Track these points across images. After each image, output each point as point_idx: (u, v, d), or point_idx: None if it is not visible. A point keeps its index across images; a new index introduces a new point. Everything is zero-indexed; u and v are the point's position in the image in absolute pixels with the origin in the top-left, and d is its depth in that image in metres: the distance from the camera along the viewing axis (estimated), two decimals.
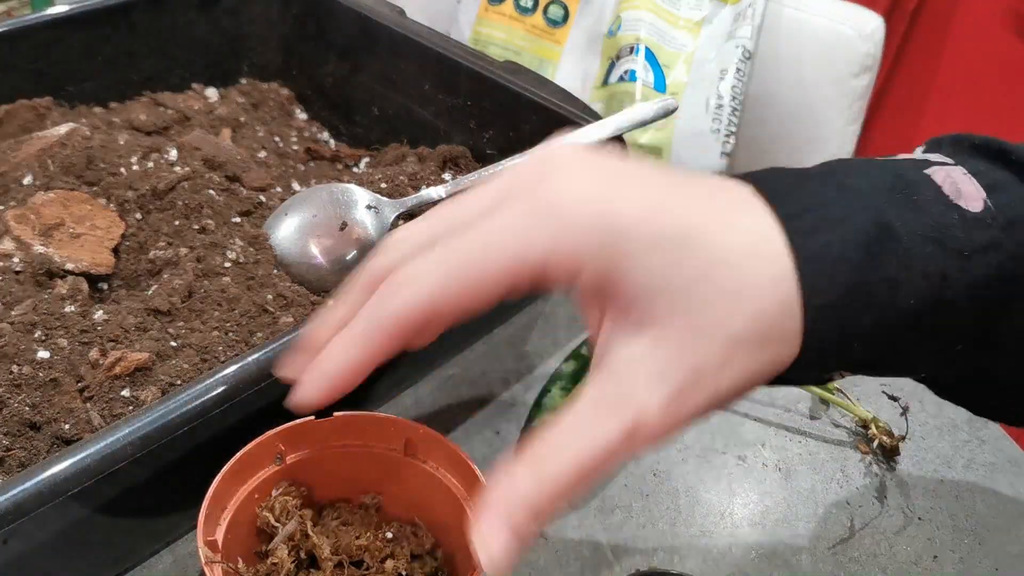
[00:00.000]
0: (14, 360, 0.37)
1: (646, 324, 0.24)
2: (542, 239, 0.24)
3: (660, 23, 0.98)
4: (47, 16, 0.56)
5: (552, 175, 0.25)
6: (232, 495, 0.33)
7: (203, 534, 0.30)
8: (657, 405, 0.23)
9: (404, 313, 0.25)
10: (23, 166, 0.47)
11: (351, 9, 0.59)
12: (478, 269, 0.24)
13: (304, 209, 0.47)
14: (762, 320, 0.24)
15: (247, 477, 0.33)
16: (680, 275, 0.23)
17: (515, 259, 0.24)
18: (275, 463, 0.34)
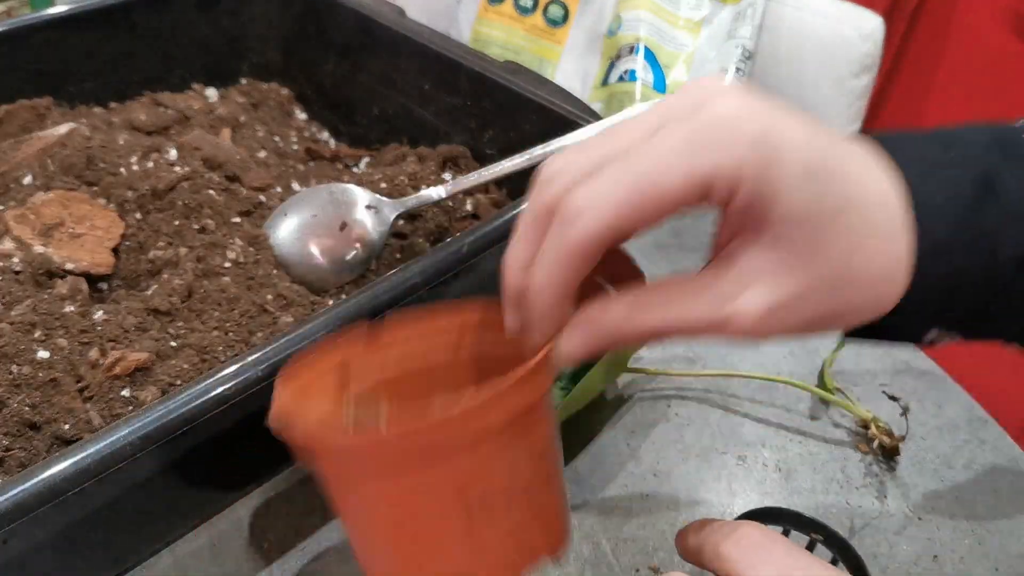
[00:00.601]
0: (14, 360, 0.37)
1: (777, 244, 0.26)
2: (712, 157, 0.25)
3: (660, 23, 0.98)
4: (47, 16, 0.55)
5: (713, 100, 0.26)
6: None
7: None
8: (756, 310, 0.26)
9: (589, 239, 0.26)
10: (23, 166, 0.47)
11: (351, 9, 0.59)
12: (655, 189, 0.25)
13: (304, 209, 0.47)
14: (879, 261, 0.26)
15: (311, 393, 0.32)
16: (822, 207, 0.25)
17: (688, 177, 0.25)
18: (339, 378, 0.34)
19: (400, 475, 0.28)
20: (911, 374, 0.54)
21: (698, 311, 0.26)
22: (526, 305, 0.28)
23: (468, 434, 0.27)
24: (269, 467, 0.44)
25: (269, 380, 0.33)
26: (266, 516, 0.43)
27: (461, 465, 0.28)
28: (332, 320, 0.35)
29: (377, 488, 0.28)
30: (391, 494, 0.28)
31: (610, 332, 0.27)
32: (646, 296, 0.27)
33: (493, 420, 0.28)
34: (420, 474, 0.27)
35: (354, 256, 0.46)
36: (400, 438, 0.27)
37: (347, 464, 0.28)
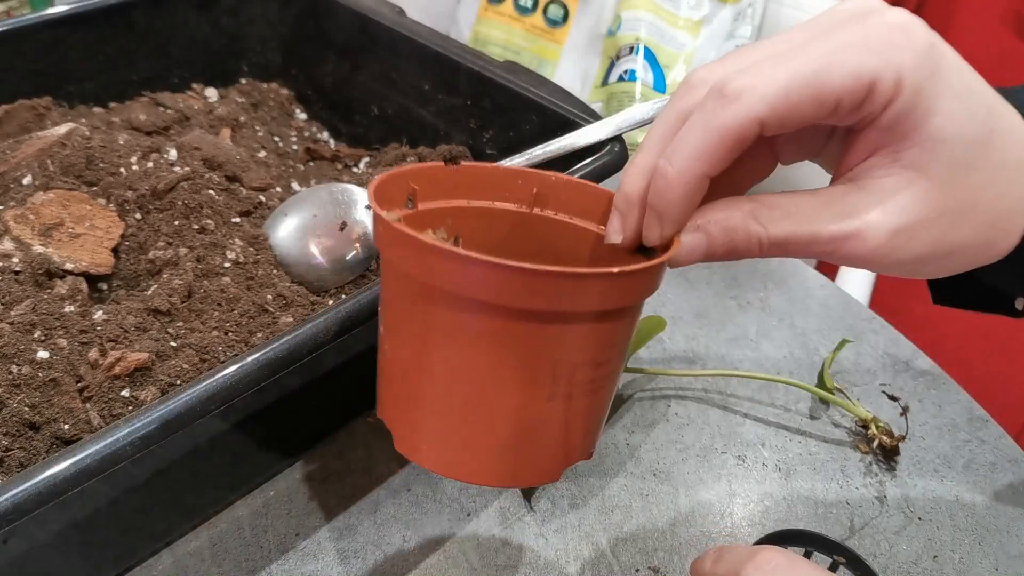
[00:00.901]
0: (14, 360, 0.37)
1: (919, 163, 0.25)
2: (884, 56, 0.24)
3: (660, 23, 0.98)
4: (47, 16, 0.55)
5: (880, 10, 0.25)
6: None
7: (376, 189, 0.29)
8: (886, 229, 0.25)
9: (747, 119, 0.24)
10: (23, 166, 0.47)
11: (351, 9, 0.59)
12: (821, 81, 0.24)
13: (304, 209, 0.47)
14: (1008, 202, 0.26)
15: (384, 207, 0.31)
16: (975, 130, 0.25)
17: (856, 74, 0.24)
18: (407, 206, 0.32)
19: (511, 318, 0.25)
20: (911, 374, 0.54)
21: (822, 225, 0.25)
22: (654, 199, 0.26)
23: (598, 301, 0.25)
24: (269, 467, 0.44)
25: (269, 380, 0.34)
26: (266, 516, 0.43)
27: (576, 331, 0.26)
28: (332, 320, 0.35)
29: (474, 324, 0.26)
30: (487, 335, 0.26)
31: (731, 238, 0.26)
32: (768, 205, 0.26)
33: (623, 297, 0.26)
34: (531, 325, 0.26)
35: (354, 256, 0.46)
36: (544, 276, 0.24)
37: (450, 284, 0.26)
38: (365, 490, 0.44)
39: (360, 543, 0.42)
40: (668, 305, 0.58)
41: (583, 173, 0.44)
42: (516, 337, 0.26)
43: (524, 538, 0.42)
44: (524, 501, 0.44)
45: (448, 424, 0.28)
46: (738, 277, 0.61)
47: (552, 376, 0.27)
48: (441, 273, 0.25)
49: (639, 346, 0.50)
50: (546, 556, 0.42)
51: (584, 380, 0.28)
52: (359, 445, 0.46)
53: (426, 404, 0.29)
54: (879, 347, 0.55)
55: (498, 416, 0.28)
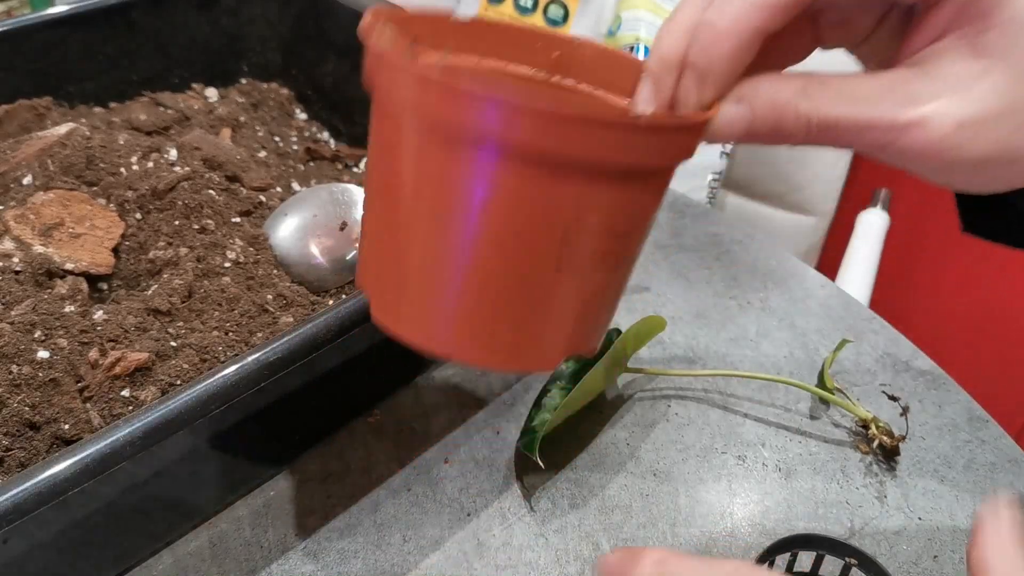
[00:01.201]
0: (14, 360, 0.37)
1: (992, 50, 0.23)
2: None
3: (660, 23, 0.98)
4: (47, 16, 0.55)
5: None
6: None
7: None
8: (953, 119, 0.23)
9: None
10: (23, 166, 0.47)
11: (351, 9, 0.59)
12: None
13: (304, 209, 0.47)
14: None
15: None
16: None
17: None
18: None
19: (519, 162, 0.22)
20: (911, 374, 0.54)
21: (878, 110, 0.23)
22: (696, 56, 0.23)
23: (623, 152, 0.22)
24: (269, 467, 0.44)
25: (269, 380, 0.34)
26: (266, 516, 0.43)
27: (596, 190, 0.22)
28: (332, 320, 0.35)
29: (473, 167, 0.22)
30: (489, 182, 0.22)
31: (779, 115, 0.24)
32: (822, 83, 0.24)
33: (652, 154, 0.22)
34: (543, 172, 0.22)
35: (354, 256, 0.46)
36: (563, 114, 0.20)
37: (448, 114, 0.22)
38: (365, 490, 0.44)
39: (360, 543, 0.42)
40: (668, 305, 0.58)
41: None
42: (525, 187, 0.22)
43: (524, 538, 0.42)
44: (524, 501, 0.44)
45: (437, 287, 0.25)
46: (738, 277, 0.61)
47: (562, 240, 0.23)
48: (438, 102, 0.22)
49: (639, 346, 0.50)
50: (546, 556, 0.42)
51: (598, 252, 0.24)
52: (359, 445, 0.46)
53: (413, 264, 0.25)
54: (879, 347, 0.55)
55: (495, 281, 0.24)
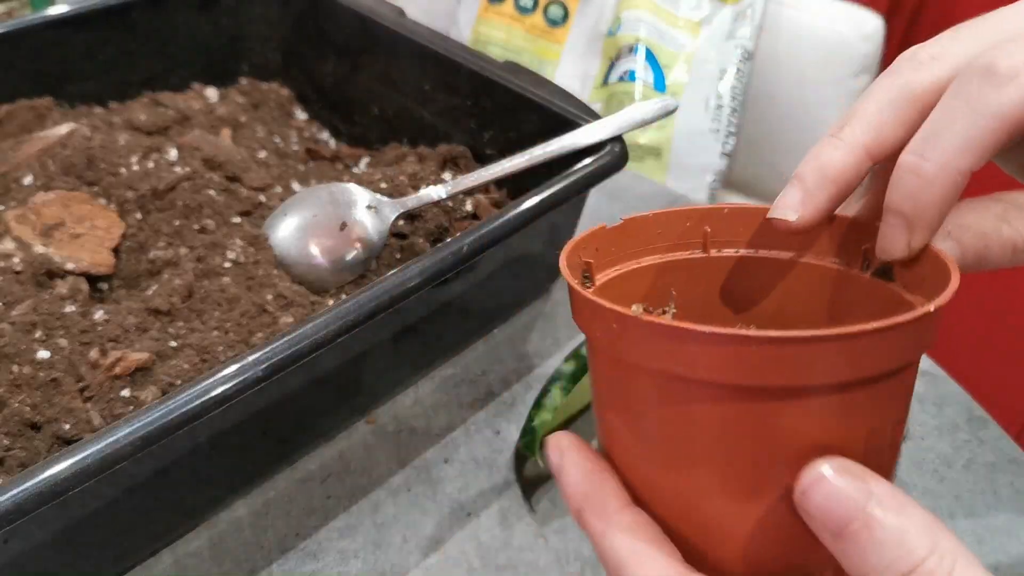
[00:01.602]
0: (14, 360, 0.37)
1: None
2: None
3: (660, 23, 0.98)
4: (47, 16, 0.56)
5: None
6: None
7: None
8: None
9: (1021, 107, 0.21)
10: (23, 166, 0.47)
11: (351, 9, 0.59)
12: None
13: (304, 209, 0.47)
14: None
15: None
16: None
17: None
18: (584, 283, 0.28)
19: (738, 399, 0.21)
20: None
21: None
22: (902, 202, 0.22)
23: (849, 368, 0.20)
24: (269, 467, 0.44)
25: (269, 380, 0.34)
26: (266, 516, 0.43)
27: (814, 408, 0.21)
28: (332, 320, 0.35)
29: (690, 408, 0.21)
30: (710, 421, 0.21)
31: (985, 244, 0.23)
32: (1017, 208, 0.23)
33: (887, 357, 0.20)
34: (764, 404, 0.20)
35: (354, 256, 0.46)
36: (790, 344, 0.19)
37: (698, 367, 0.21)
38: (365, 490, 0.44)
39: (360, 543, 0.42)
40: None
41: (583, 173, 0.44)
42: (749, 421, 0.21)
43: (524, 538, 0.42)
44: (524, 501, 0.44)
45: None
46: None
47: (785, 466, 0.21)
48: (688, 356, 0.21)
49: None
50: (546, 557, 0.42)
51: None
52: (359, 445, 0.46)
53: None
54: None
55: (719, 525, 0.22)
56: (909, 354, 0.21)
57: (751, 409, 0.21)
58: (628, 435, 0.24)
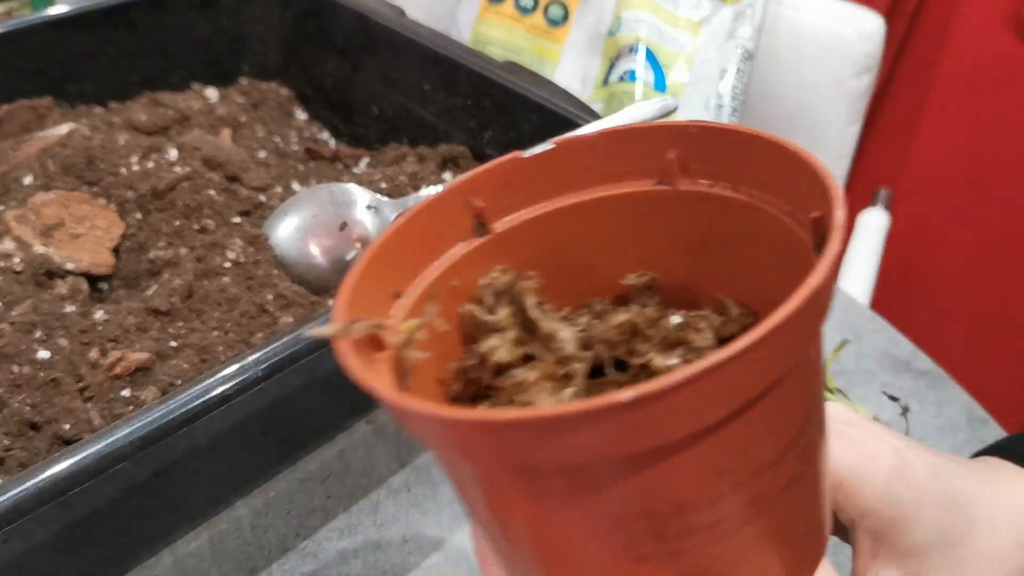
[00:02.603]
0: (14, 360, 0.37)
1: (909, 568, 0.26)
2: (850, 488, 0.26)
3: (660, 23, 0.98)
4: (47, 16, 0.56)
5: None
6: (408, 276, 0.21)
7: (342, 311, 0.18)
8: None
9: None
10: (23, 166, 0.47)
11: (351, 9, 0.59)
12: None
13: (304, 209, 0.47)
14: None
15: (432, 251, 0.22)
16: (948, 537, 0.26)
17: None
18: (475, 234, 0.22)
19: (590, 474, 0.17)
20: (911, 374, 0.54)
21: None
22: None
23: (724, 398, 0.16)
24: (269, 467, 0.44)
25: (269, 380, 0.34)
26: (266, 516, 0.43)
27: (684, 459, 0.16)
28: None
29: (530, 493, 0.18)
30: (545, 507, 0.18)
31: None
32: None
33: (754, 381, 0.16)
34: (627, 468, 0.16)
35: (354, 256, 0.46)
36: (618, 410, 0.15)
37: (482, 451, 0.17)
38: (365, 490, 0.44)
39: (360, 543, 0.42)
40: None
41: None
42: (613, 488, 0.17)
43: None
44: None
45: None
46: None
47: (677, 521, 0.18)
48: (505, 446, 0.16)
49: None
50: None
51: (738, 505, 0.18)
52: (359, 445, 0.46)
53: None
54: (879, 347, 0.55)
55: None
56: (781, 364, 0.17)
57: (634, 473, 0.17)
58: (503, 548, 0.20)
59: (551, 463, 0.16)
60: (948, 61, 1.06)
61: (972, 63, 1.04)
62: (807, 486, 0.20)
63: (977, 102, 1.04)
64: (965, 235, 1.05)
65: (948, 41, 1.06)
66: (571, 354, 0.20)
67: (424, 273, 0.22)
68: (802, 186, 0.19)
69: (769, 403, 0.17)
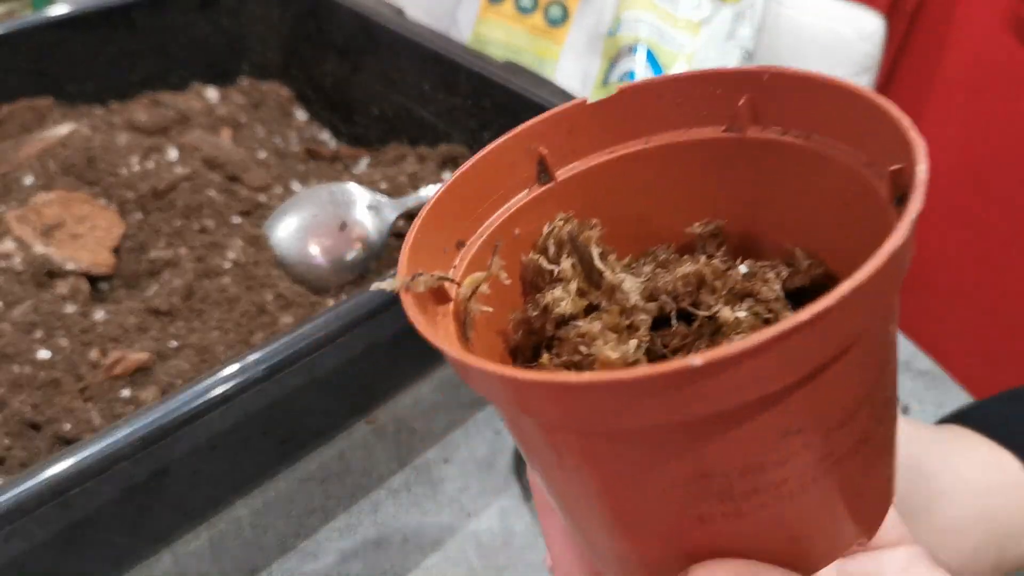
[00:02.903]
0: (15, 360, 0.37)
1: (879, 543, 0.25)
2: None
3: (660, 23, 0.98)
4: (48, 16, 0.56)
5: None
6: (472, 225, 0.21)
7: (405, 264, 0.19)
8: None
9: None
10: (24, 166, 0.47)
11: (351, 9, 0.59)
12: None
13: (304, 209, 0.47)
14: (962, 554, 0.27)
15: (496, 199, 0.21)
16: (908, 507, 0.26)
17: None
18: (538, 181, 0.22)
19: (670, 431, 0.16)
20: (911, 374, 0.54)
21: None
22: None
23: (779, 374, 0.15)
24: (269, 467, 0.44)
25: (269, 380, 0.34)
26: (266, 516, 0.43)
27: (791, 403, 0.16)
28: (332, 320, 0.35)
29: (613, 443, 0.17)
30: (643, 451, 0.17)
31: None
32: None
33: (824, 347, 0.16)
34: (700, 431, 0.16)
35: (354, 256, 0.46)
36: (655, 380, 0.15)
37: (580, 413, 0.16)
38: (365, 490, 0.44)
39: (360, 543, 0.42)
40: None
41: None
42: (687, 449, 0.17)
43: (524, 539, 0.42)
44: (524, 501, 0.44)
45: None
46: None
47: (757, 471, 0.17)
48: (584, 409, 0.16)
49: None
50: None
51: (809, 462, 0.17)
52: (359, 445, 0.46)
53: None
54: None
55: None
56: (858, 327, 0.16)
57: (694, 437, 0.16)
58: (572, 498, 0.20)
59: (618, 426, 0.16)
60: (948, 61, 1.06)
61: (972, 63, 1.03)
62: (875, 446, 0.19)
63: (977, 102, 1.04)
64: (965, 235, 1.05)
65: (948, 41, 1.06)
66: (635, 304, 0.20)
67: (487, 221, 0.21)
68: (881, 137, 0.18)
69: (842, 367, 0.16)
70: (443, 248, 0.20)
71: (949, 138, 1.06)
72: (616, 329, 0.20)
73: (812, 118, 0.20)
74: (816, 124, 0.20)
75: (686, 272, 0.20)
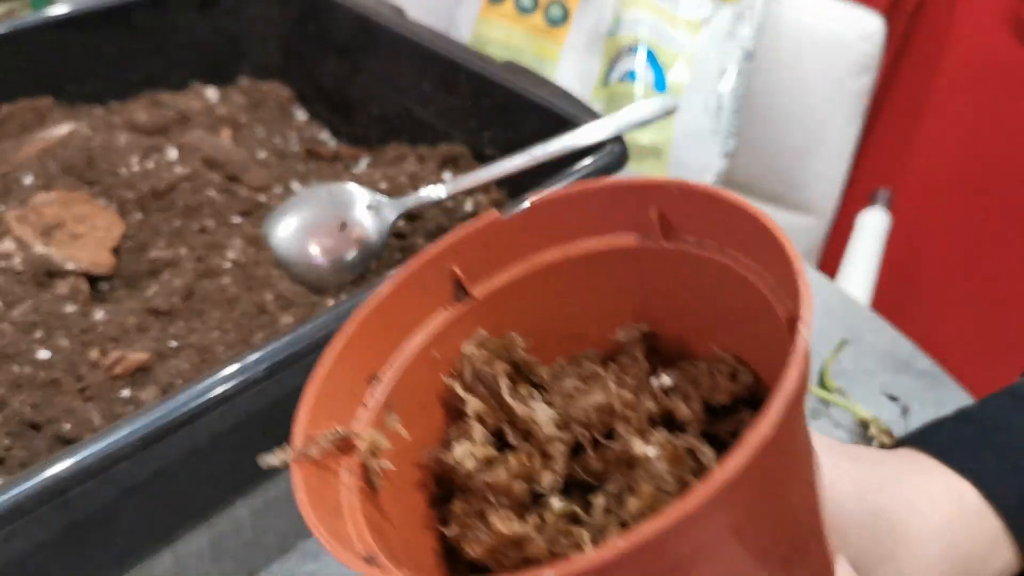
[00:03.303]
0: (14, 360, 0.37)
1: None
2: None
3: (660, 23, 0.98)
4: (48, 16, 0.56)
5: None
6: (385, 355, 0.21)
7: (305, 419, 0.19)
8: None
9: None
10: (24, 166, 0.47)
11: (351, 9, 0.59)
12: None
13: (304, 209, 0.47)
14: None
15: (410, 324, 0.21)
16: (873, 553, 0.26)
17: None
18: (456, 299, 0.22)
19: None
20: (911, 374, 0.54)
21: None
22: None
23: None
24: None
25: (269, 380, 0.34)
26: (266, 516, 0.43)
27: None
28: (332, 320, 0.35)
29: None
30: None
31: None
32: None
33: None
34: None
35: (354, 256, 0.46)
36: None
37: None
38: None
39: None
40: None
41: (583, 173, 0.44)
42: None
43: None
44: None
45: None
46: None
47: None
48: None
49: None
50: None
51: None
52: None
53: None
54: (879, 347, 0.55)
55: None
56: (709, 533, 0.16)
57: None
58: None
59: None
60: (948, 61, 1.06)
61: (972, 63, 1.03)
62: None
63: (977, 102, 1.04)
64: (965, 235, 1.05)
65: (948, 41, 1.06)
66: (550, 436, 0.20)
67: (401, 345, 0.21)
68: (779, 271, 0.18)
69: (724, 547, 0.16)
70: (351, 387, 0.20)
71: (949, 137, 1.06)
72: (524, 475, 0.20)
73: (723, 234, 0.20)
74: (727, 240, 0.20)
75: (598, 403, 0.20)
